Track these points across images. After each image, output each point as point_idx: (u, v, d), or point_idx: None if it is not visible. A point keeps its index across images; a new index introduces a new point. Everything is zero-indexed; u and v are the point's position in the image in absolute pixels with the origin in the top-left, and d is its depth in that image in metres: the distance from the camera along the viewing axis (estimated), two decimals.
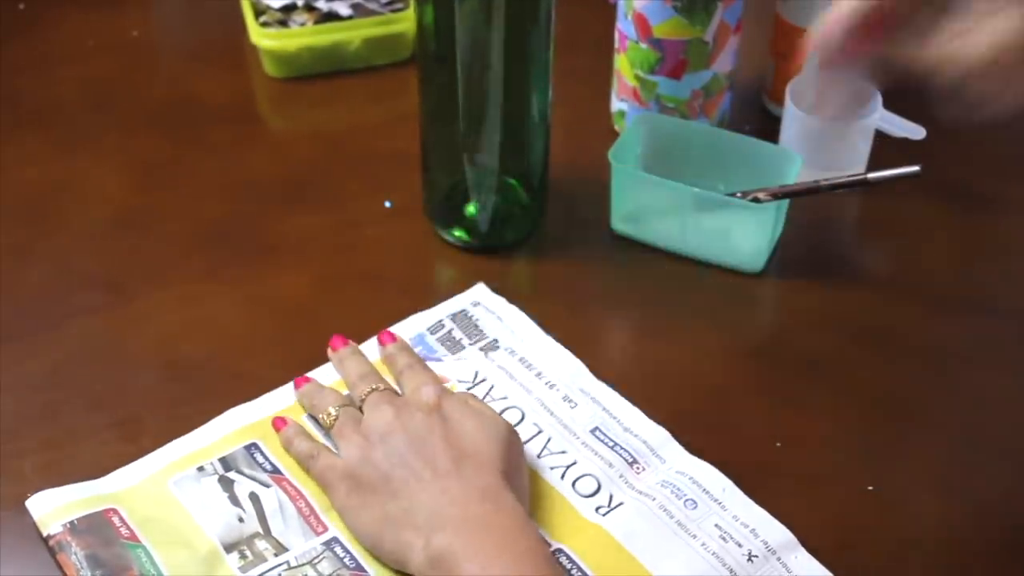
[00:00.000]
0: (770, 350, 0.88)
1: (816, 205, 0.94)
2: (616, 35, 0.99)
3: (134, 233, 0.96)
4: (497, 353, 0.86)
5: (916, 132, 0.97)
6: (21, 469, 0.77)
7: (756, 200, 0.89)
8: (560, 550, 0.74)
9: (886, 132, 0.97)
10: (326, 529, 0.75)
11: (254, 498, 0.76)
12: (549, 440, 0.80)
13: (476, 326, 0.87)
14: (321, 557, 0.73)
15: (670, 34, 0.95)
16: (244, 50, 1.13)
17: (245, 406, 0.82)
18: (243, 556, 0.73)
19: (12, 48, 1.13)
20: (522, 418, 0.81)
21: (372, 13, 1.11)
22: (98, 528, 0.73)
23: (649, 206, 0.93)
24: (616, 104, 1.02)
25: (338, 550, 0.74)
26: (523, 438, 0.79)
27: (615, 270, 0.94)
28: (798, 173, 0.91)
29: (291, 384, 0.83)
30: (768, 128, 1.00)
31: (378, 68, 1.11)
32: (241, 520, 0.75)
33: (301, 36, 1.09)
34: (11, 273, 0.92)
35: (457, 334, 0.87)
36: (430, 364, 0.84)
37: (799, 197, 0.92)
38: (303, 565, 0.73)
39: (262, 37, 1.08)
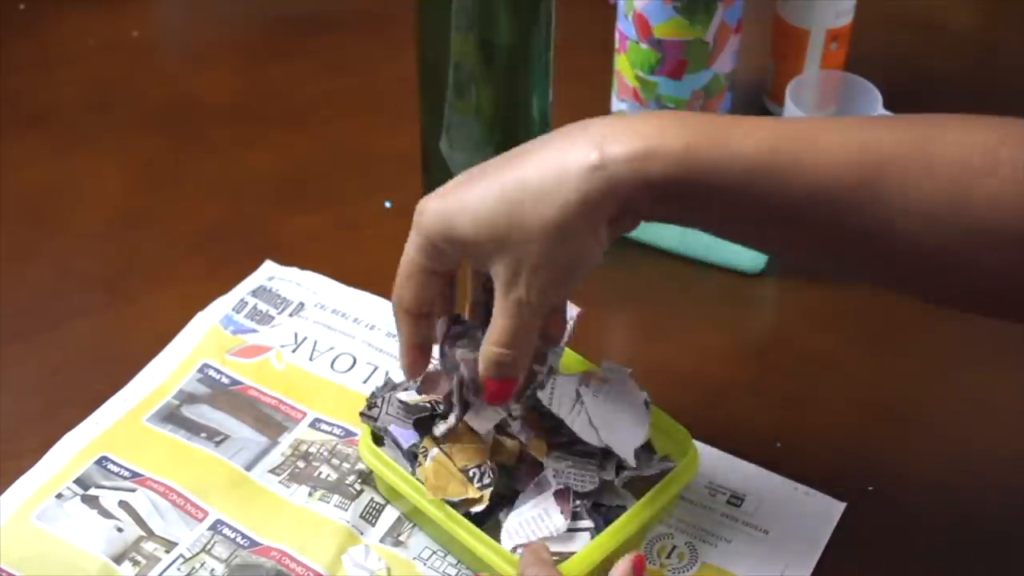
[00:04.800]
0: (770, 350, 0.88)
1: None
2: (616, 35, 0.99)
3: (134, 233, 0.96)
4: (308, 311, 0.87)
5: None
6: (21, 469, 0.77)
7: None
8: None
9: None
10: (207, 513, 0.75)
11: (124, 505, 0.75)
12: (388, 372, 0.81)
13: (278, 295, 0.89)
14: (212, 542, 0.73)
15: (670, 34, 0.95)
16: (244, 50, 1.13)
17: (83, 424, 0.80)
18: (135, 563, 0.72)
19: (12, 48, 1.13)
20: (354, 362, 0.83)
21: None
22: None
23: None
24: (616, 104, 1.02)
25: (226, 531, 0.74)
26: (361, 379, 0.81)
27: (615, 270, 0.93)
28: None
29: (108, 401, 0.81)
30: None
31: (378, 67, 1.11)
32: (120, 530, 0.73)
33: None
34: (11, 273, 0.92)
35: (263, 307, 0.88)
36: (245, 336, 0.84)
37: None
38: (198, 554, 0.73)
39: None
